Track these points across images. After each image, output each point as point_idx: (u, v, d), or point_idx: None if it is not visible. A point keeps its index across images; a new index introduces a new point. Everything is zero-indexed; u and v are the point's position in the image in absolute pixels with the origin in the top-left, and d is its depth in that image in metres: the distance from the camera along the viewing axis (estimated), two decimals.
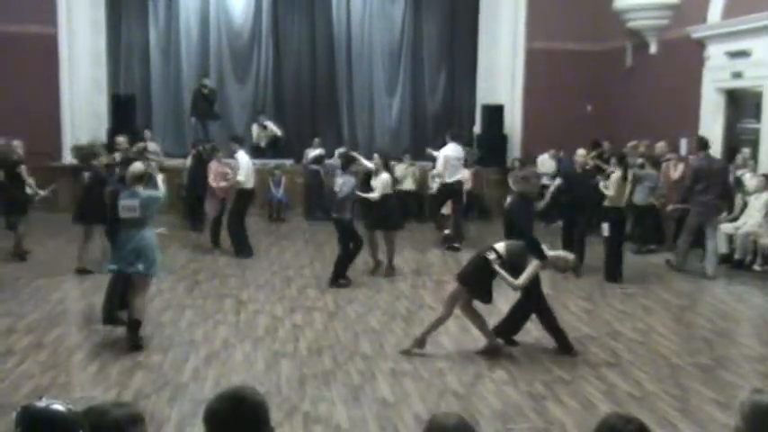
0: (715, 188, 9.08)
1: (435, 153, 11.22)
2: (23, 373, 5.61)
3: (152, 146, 12.67)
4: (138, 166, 6.50)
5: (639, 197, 10.69)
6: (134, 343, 6.22)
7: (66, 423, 2.01)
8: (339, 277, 8.56)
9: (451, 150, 10.86)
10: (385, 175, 9.05)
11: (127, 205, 6.21)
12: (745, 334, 7.27)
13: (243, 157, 10.10)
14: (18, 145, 10.05)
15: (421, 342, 6.25)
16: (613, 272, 9.02)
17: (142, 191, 6.29)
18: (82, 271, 8.74)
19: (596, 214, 9.32)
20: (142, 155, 9.84)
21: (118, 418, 2.18)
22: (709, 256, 9.23)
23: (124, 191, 6.39)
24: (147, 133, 13.31)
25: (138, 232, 6.22)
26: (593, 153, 9.90)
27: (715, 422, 4.97)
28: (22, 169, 9.70)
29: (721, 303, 8.36)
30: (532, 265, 5.98)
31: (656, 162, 11.02)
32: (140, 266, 6.20)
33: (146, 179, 6.44)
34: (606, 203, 8.98)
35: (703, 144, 9.55)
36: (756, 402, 2.37)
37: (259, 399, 2.24)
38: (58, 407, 2.04)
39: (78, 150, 9.57)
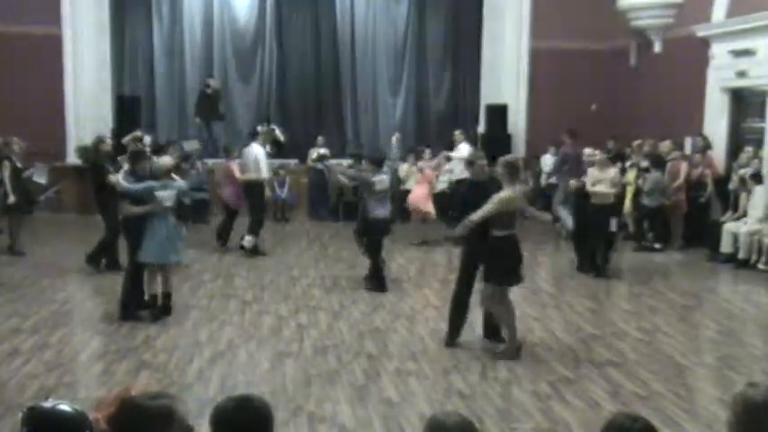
0: (577, 169, 10.46)
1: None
2: (29, 373, 5.61)
3: (146, 138, 12.56)
4: (167, 160, 7.31)
5: (649, 199, 10.68)
6: (167, 310, 7.05)
7: (72, 423, 2.01)
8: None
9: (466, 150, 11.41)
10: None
11: (165, 196, 6.81)
12: (752, 333, 7.25)
13: (258, 149, 10.24)
14: (16, 141, 10.01)
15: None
16: (598, 267, 9.09)
17: (174, 183, 6.96)
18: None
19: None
20: (137, 144, 9.80)
21: (152, 408, 2.12)
22: (564, 222, 11.23)
23: (149, 183, 6.91)
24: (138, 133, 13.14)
25: (170, 222, 6.88)
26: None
27: (721, 422, 4.93)
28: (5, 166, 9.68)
29: (727, 303, 8.34)
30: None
31: (659, 161, 10.98)
32: (178, 257, 7.11)
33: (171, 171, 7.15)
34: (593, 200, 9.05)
35: (573, 134, 11.75)
36: (749, 397, 2.36)
37: (264, 404, 2.26)
38: (65, 407, 2.04)
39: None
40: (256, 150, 10.15)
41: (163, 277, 7.12)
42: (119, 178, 7.67)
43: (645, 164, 11.12)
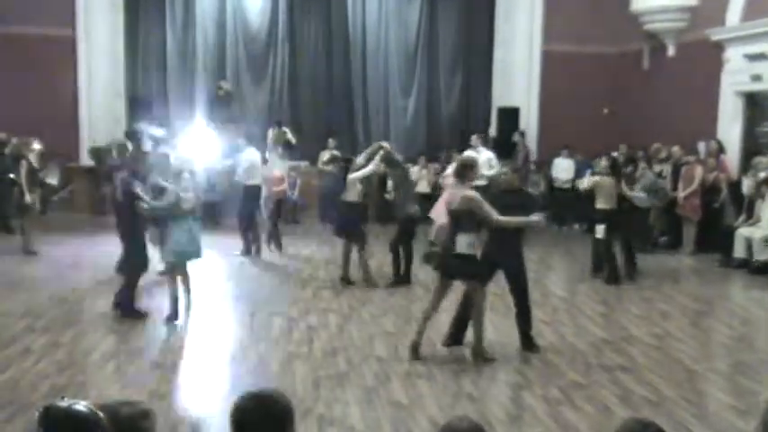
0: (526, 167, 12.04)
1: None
2: (41, 373, 5.65)
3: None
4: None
5: (639, 200, 10.62)
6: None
7: (87, 424, 2.02)
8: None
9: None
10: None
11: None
12: (764, 339, 7.19)
13: (246, 154, 10.31)
14: (34, 142, 10.15)
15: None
16: (615, 274, 9.03)
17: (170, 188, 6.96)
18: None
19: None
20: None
21: (130, 415, 2.22)
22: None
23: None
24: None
25: (167, 225, 6.99)
26: None
27: (733, 429, 4.91)
28: (22, 165, 9.82)
29: (740, 308, 8.28)
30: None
31: (648, 160, 10.93)
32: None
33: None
34: (598, 206, 8.99)
35: (522, 134, 12.91)
36: None
37: (287, 401, 2.27)
38: (80, 407, 2.05)
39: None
40: (251, 156, 10.22)
41: (172, 279, 7.19)
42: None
43: (658, 168, 11.07)
